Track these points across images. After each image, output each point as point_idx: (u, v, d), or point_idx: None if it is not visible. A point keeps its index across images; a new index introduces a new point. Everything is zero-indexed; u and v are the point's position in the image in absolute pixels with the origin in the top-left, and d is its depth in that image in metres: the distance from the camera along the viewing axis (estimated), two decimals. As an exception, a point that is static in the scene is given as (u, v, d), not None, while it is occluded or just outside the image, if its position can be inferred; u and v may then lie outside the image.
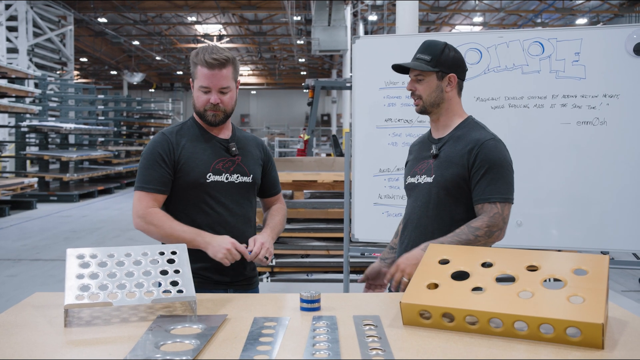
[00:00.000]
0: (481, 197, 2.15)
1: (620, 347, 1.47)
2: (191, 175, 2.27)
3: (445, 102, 2.27)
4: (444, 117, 2.30)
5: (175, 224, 2.21)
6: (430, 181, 2.24)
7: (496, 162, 2.15)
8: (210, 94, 2.25)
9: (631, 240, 3.46)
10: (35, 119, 13.14)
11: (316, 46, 18.04)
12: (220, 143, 2.36)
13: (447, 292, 1.65)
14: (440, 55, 2.22)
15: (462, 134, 2.25)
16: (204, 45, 2.30)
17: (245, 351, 1.44)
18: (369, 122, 3.85)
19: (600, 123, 3.45)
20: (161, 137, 2.33)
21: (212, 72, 2.23)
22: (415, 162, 2.36)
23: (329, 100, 33.47)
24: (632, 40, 3.38)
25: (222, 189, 2.31)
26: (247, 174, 2.37)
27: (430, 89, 2.24)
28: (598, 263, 1.65)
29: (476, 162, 2.16)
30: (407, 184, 2.37)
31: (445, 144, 2.26)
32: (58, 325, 1.64)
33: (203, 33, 27.04)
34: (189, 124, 2.39)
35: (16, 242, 8.24)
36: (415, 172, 2.33)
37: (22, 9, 16.28)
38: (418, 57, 2.26)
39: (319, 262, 5.68)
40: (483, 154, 2.15)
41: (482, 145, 2.16)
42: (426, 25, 24.12)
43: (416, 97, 2.27)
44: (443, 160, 2.23)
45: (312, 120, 11.33)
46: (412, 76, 2.28)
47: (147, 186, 2.25)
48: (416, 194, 2.30)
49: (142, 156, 2.32)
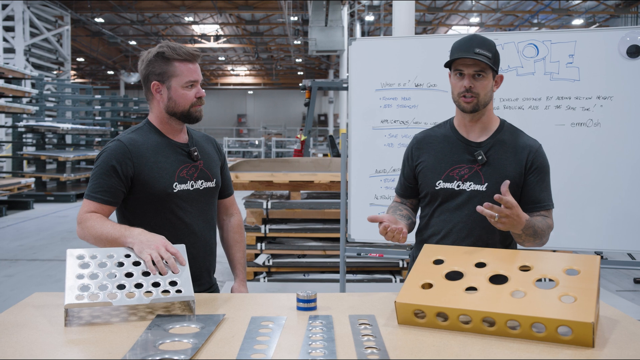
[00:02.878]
0: (542, 203, 2.13)
1: (610, 345, 1.50)
2: (157, 187, 2.11)
3: (490, 103, 2.17)
4: (485, 118, 2.18)
5: (107, 224, 2.00)
6: (484, 190, 2.12)
7: (548, 169, 2.17)
8: (196, 88, 2.15)
9: (625, 241, 3.49)
10: (32, 119, 13.12)
11: (313, 46, 18.07)
12: (181, 148, 2.21)
13: (441, 291, 1.68)
14: (496, 53, 2.11)
15: (508, 139, 2.17)
16: (159, 45, 2.18)
17: (242, 350, 1.46)
18: (365, 123, 3.87)
19: (594, 124, 3.48)
20: (118, 145, 2.12)
21: (195, 66, 2.15)
22: (445, 164, 2.19)
23: (326, 100, 33.52)
24: (625, 42, 3.41)
25: (188, 197, 2.17)
26: (210, 179, 2.26)
27: (488, 87, 2.10)
28: (589, 263, 1.68)
29: (532, 167, 2.13)
30: (441, 189, 2.18)
31: (491, 148, 2.15)
32: (58, 325, 1.66)
33: (200, 33, 27.04)
34: (146, 130, 2.20)
35: (13, 242, 8.24)
36: (452, 177, 2.16)
37: (18, 9, 16.26)
38: (479, 51, 2.05)
39: (316, 262, 5.70)
40: (538, 161, 2.14)
41: (537, 152, 2.15)
42: (423, 25, 24.16)
43: (472, 95, 2.09)
44: (496, 168, 2.13)
45: (309, 120, 11.35)
46: (471, 71, 2.07)
47: (95, 195, 2.08)
48: (461, 201, 2.14)
49: (96, 164, 2.12)
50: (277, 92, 41.10)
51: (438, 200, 2.21)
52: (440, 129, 2.29)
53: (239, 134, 37.89)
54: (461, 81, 2.11)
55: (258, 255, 5.67)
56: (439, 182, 2.18)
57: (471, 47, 2.06)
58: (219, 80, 40.43)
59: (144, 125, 2.22)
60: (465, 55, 2.06)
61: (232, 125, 39.88)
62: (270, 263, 5.64)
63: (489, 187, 2.11)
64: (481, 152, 2.14)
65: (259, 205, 5.64)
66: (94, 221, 2.02)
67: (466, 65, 2.08)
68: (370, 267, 5.68)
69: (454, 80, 2.14)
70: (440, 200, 2.19)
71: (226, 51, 32.19)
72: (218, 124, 38.71)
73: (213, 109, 38.93)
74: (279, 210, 5.67)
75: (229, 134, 34.40)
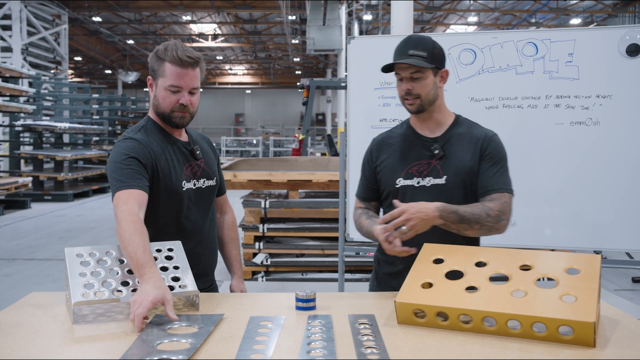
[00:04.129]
0: (491, 187, 2.11)
1: (611, 345, 1.49)
2: (168, 184, 2.07)
3: (439, 99, 2.19)
4: (436, 115, 2.21)
5: (135, 240, 1.77)
6: (443, 182, 2.14)
7: (503, 156, 2.17)
8: (180, 94, 2.07)
9: (624, 240, 3.48)
10: (30, 118, 13.09)
11: (311, 45, 18.06)
12: (184, 147, 2.19)
13: (442, 291, 1.67)
14: (433, 50, 2.12)
15: (464, 132, 2.20)
16: (168, 42, 2.12)
17: (241, 350, 1.45)
18: (364, 122, 3.86)
19: (593, 123, 3.47)
20: (132, 143, 2.06)
21: (185, 71, 2.05)
22: (404, 162, 2.21)
23: (324, 99, 33.48)
24: (624, 41, 3.41)
25: (194, 196, 2.16)
26: (211, 177, 2.25)
27: (429, 86, 2.12)
28: (590, 262, 1.67)
29: (485, 154, 2.14)
30: (401, 186, 2.20)
31: (448, 142, 2.18)
32: (55, 324, 1.65)
33: (198, 32, 27.01)
34: (150, 128, 2.16)
35: (10, 241, 8.21)
36: (412, 174, 2.18)
37: (16, 8, 16.20)
38: (412, 53, 2.09)
39: (314, 262, 5.69)
40: (492, 147, 2.15)
41: (491, 139, 2.17)
42: (421, 25, 24.15)
43: (413, 97, 2.13)
44: (453, 160, 2.15)
45: (307, 119, 11.34)
46: (407, 74, 2.11)
47: (125, 183, 1.94)
48: (422, 197, 2.11)
49: (113, 161, 2.02)
50: (275, 92, 41.08)
51: (398, 198, 2.20)
52: (397, 129, 2.33)
53: (236, 133, 37.85)
54: (402, 85, 2.16)
55: (256, 255, 5.66)
56: (399, 180, 2.21)
57: (405, 50, 2.11)
58: (217, 80, 40.40)
59: (147, 124, 2.18)
60: (398, 60, 2.11)
61: (230, 125, 39.84)
62: (268, 262, 5.63)
63: (448, 180, 2.14)
64: (437, 146, 2.17)
65: (257, 205, 5.63)
66: (125, 227, 1.81)
67: (402, 68, 2.12)
68: (369, 266, 5.67)
69: (397, 84, 2.20)
70: (401, 198, 2.18)
71: (224, 50, 32.16)
72: (216, 123, 38.67)
73: (211, 108, 38.90)
74: (277, 209, 5.66)
75: (226, 133, 34.33)
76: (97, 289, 1.72)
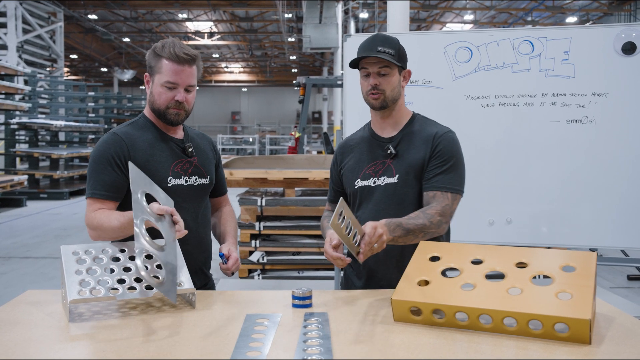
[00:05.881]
0: (434, 185, 2.11)
1: (607, 342, 1.49)
2: (152, 180, 2.03)
3: (400, 98, 2.22)
4: (395, 113, 2.23)
5: (114, 214, 1.99)
6: (395, 181, 2.16)
7: (454, 154, 2.16)
8: (176, 91, 2.09)
9: (619, 238, 3.50)
10: (25, 116, 13.04)
11: (307, 44, 18.03)
12: (176, 144, 2.20)
13: (438, 288, 1.67)
14: (400, 49, 2.16)
15: (417, 130, 2.21)
16: (165, 39, 2.14)
17: (237, 348, 1.45)
18: (360, 120, 3.84)
19: (589, 121, 3.48)
20: (113, 138, 2.12)
21: (181, 68, 2.07)
22: (362, 163, 2.25)
23: (320, 97, 33.47)
24: (620, 39, 3.42)
25: (182, 192, 2.15)
26: (204, 176, 2.24)
27: (394, 83, 2.16)
28: (586, 260, 1.67)
29: (435, 152, 2.14)
30: (359, 187, 2.23)
31: (401, 141, 2.20)
32: (51, 322, 1.65)
33: (194, 30, 26.95)
34: (142, 123, 2.20)
35: (6, 239, 8.19)
36: (369, 175, 2.21)
37: (11, 5, 16.14)
38: (381, 49, 2.11)
39: (310, 260, 5.69)
40: (442, 145, 2.15)
41: (442, 137, 2.16)
42: (417, 23, 24.15)
43: (378, 92, 2.15)
44: (405, 158, 2.17)
45: (303, 117, 11.33)
46: (375, 69, 2.13)
47: (98, 192, 2.06)
48: (377, 196, 2.18)
49: (92, 159, 2.11)
50: (271, 90, 41.03)
51: (357, 199, 2.26)
52: (359, 132, 2.39)
53: (233, 131, 37.79)
54: (368, 80, 2.17)
55: (252, 253, 5.66)
56: (357, 181, 2.25)
57: (374, 46, 2.13)
58: (213, 78, 40.31)
59: (139, 119, 2.22)
60: (368, 54, 2.12)
61: (226, 123, 39.77)
62: (264, 260, 5.62)
63: (400, 178, 2.17)
64: (390, 146, 2.20)
65: (253, 203, 5.63)
66: (100, 217, 2.00)
67: (370, 64, 2.14)
68: (365, 264, 5.67)
69: (362, 80, 2.22)
70: (359, 199, 2.24)
71: (220, 48, 32.10)
72: (212, 121, 38.60)
73: (207, 106, 38.82)
74: (274, 207, 5.66)
75: (223, 131, 34.29)
76: (93, 286, 1.72)
